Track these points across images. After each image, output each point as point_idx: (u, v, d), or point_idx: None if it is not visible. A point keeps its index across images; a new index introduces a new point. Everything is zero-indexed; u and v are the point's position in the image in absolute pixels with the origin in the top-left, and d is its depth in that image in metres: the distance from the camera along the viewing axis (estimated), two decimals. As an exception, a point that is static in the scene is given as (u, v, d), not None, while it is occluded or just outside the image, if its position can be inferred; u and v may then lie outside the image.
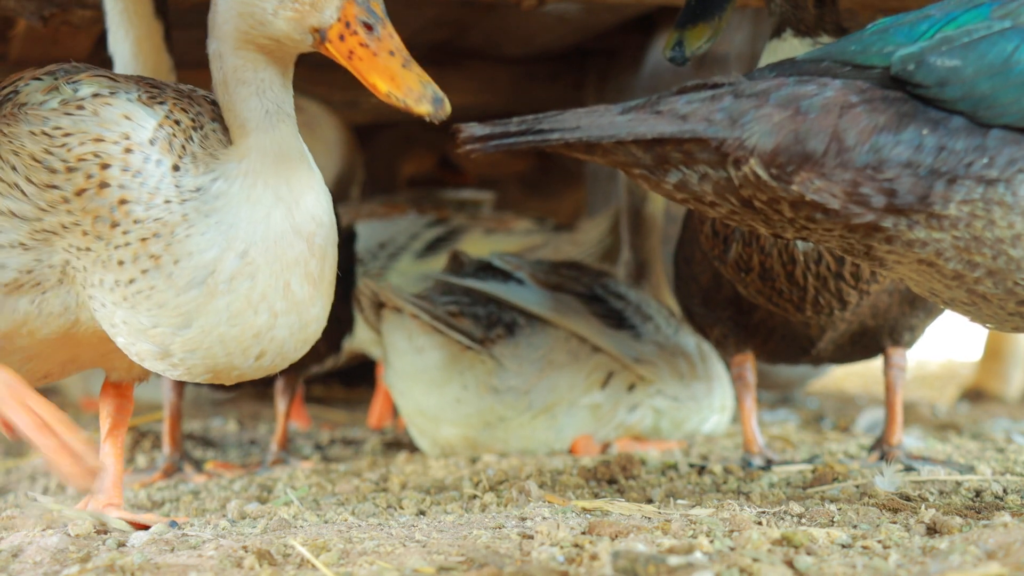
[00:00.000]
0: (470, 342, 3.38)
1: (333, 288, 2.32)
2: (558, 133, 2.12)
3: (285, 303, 2.23)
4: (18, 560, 2.13)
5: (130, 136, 2.23)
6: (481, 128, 2.14)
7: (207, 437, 4.11)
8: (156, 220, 2.20)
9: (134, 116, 2.26)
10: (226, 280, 2.20)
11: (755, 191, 2.11)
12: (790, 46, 2.81)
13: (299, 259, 2.23)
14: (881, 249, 2.13)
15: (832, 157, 2.06)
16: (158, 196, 2.21)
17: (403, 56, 2.13)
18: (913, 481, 2.67)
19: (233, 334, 2.22)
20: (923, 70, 2.06)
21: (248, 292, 2.20)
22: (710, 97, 2.12)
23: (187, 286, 2.20)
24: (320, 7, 2.15)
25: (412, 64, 2.12)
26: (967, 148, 2.03)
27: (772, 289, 2.89)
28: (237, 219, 2.21)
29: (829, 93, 2.09)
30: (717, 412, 3.77)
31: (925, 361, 7.98)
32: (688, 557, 1.88)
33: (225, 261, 2.19)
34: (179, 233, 2.20)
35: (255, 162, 2.23)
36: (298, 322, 2.26)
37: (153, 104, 2.28)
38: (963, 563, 1.84)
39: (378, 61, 2.13)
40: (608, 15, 4.81)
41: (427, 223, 4.73)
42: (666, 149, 2.11)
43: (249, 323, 2.22)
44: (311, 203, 2.25)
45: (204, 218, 2.21)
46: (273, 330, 2.24)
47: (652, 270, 4.12)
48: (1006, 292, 2.11)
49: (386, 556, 2.00)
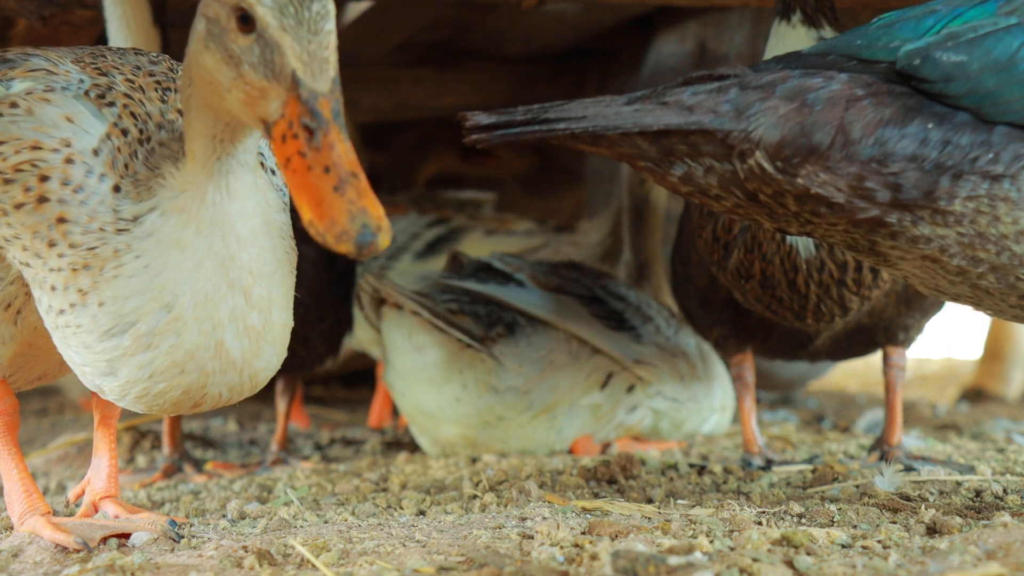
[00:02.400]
0: (470, 340, 3.38)
1: (288, 318, 2.09)
2: (564, 123, 2.11)
3: (218, 362, 2.00)
4: (18, 560, 2.13)
5: (71, 143, 1.99)
6: (487, 117, 2.14)
7: (207, 437, 4.11)
8: (89, 250, 1.96)
9: (77, 119, 2.02)
10: (148, 335, 1.96)
11: (760, 184, 2.11)
12: (797, 33, 2.80)
13: (234, 315, 1.99)
14: (885, 245, 2.13)
15: (838, 150, 2.06)
16: (96, 221, 1.96)
17: (341, 174, 1.75)
18: (913, 481, 2.67)
19: (159, 389, 2.00)
20: (928, 65, 2.06)
21: (172, 351, 1.97)
22: (716, 89, 2.12)
23: (108, 334, 1.97)
24: (269, 97, 1.81)
25: (349, 186, 1.75)
26: (972, 143, 2.03)
27: (772, 297, 2.87)
28: (165, 266, 1.95)
29: (835, 86, 2.09)
30: (717, 412, 3.77)
31: (925, 361, 7.98)
32: (688, 557, 1.88)
33: (148, 313, 1.95)
34: (107, 271, 1.96)
35: (192, 202, 1.96)
36: (238, 379, 2.03)
37: (102, 106, 2.04)
38: (963, 563, 1.84)
39: (309, 178, 1.75)
40: (608, 15, 4.82)
41: (428, 223, 4.73)
42: (671, 141, 2.11)
43: (176, 382, 2.00)
44: (249, 259, 1.98)
45: (134, 258, 1.96)
46: (206, 388, 2.02)
47: (653, 271, 4.12)
48: (1008, 287, 2.11)
49: (386, 556, 2.00)
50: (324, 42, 1.81)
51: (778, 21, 2.84)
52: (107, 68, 2.13)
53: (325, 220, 1.73)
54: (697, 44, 4.73)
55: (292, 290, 2.10)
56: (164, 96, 2.12)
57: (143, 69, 2.16)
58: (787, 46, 2.77)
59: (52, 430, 4.33)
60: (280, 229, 2.08)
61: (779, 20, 2.83)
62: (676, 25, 4.87)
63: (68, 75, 2.08)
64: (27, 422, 4.55)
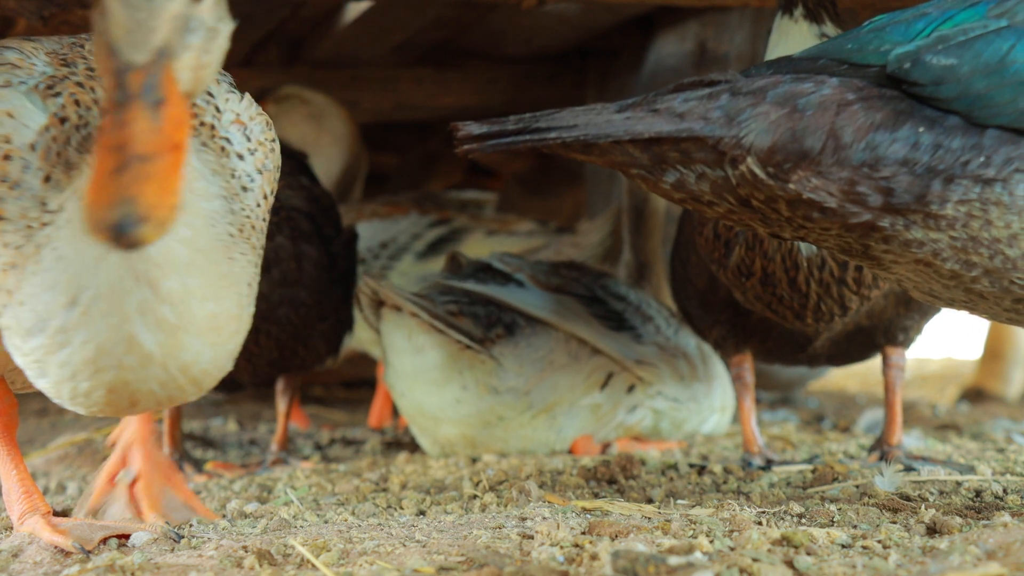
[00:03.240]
0: (470, 341, 3.38)
1: (223, 307, 1.96)
2: (555, 132, 2.11)
3: (135, 357, 1.89)
4: (18, 560, 2.13)
5: (11, 139, 1.93)
6: (478, 127, 2.13)
7: (207, 437, 4.10)
8: (16, 248, 1.88)
9: (19, 113, 1.95)
10: (60, 331, 1.87)
11: (752, 190, 2.11)
12: (799, 28, 2.80)
13: (143, 308, 1.86)
14: (878, 249, 2.13)
15: (829, 155, 2.06)
16: (27, 217, 1.88)
17: (127, 155, 1.59)
18: (913, 481, 2.67)
19: (85, 388, 1.92)
20: (919, 69, 2.06)
21: (84, 347, 1.88)
22: (707, 95, 2.12)
23: (30, 333, 1.89)
24: (102, 70, 1.71)
25: (131, 169, 1.59)
26: (964, 147, 2.03)
27: (772, 295, 2.87)
28: (74, 258, 1.84)
29: (826, 91, 2.08)
30: (717, 412, 3.77)
31: (925, 361, 7.98)
32: (688, 557, 1.88)
33: (58, 309, 1.86)
34: (29, 268, 1.87)
35: None
36: (165, 374, 1.93)
37: (48, 96, 1.96)
38: (963, 563, 1.84)
39: (101, 157, 1.61)
40: (608, 15, 4.82)
41: (429, 223, 4.73)
42: (663, 148, 2.11)
43: (99, 379, 1.91)
44: (157, 251, 1.84)
45: (51, 251, 1.86)
46: (131, 384, 1.92)
47: (653, 272, 4.12)
48: (1002, 291, 2.11)
49: (386, 556, 2.00)
50: (157, 11, 1.68)
51: (780, 15, 2.84)
52: (74, 59, 2.06)
53: (91, 204, 1.59)
54: (697, 44, 4.73)
55: (237, 280, 1.99)
56: None
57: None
58: (789, 41, 2.78)
59: (52, 430, 4.33)
60: (211, 216, 1.96)
61: (781, 15, 2.83)
62: (676, 25, 4.87)
63: (32, 68, 2.03)
64: (27, 422, 4.55)
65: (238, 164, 2.11)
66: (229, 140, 2.13)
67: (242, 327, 2.02)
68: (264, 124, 2.23)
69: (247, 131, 2.18)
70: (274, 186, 2.21)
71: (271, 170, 2.19)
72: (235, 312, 2.00)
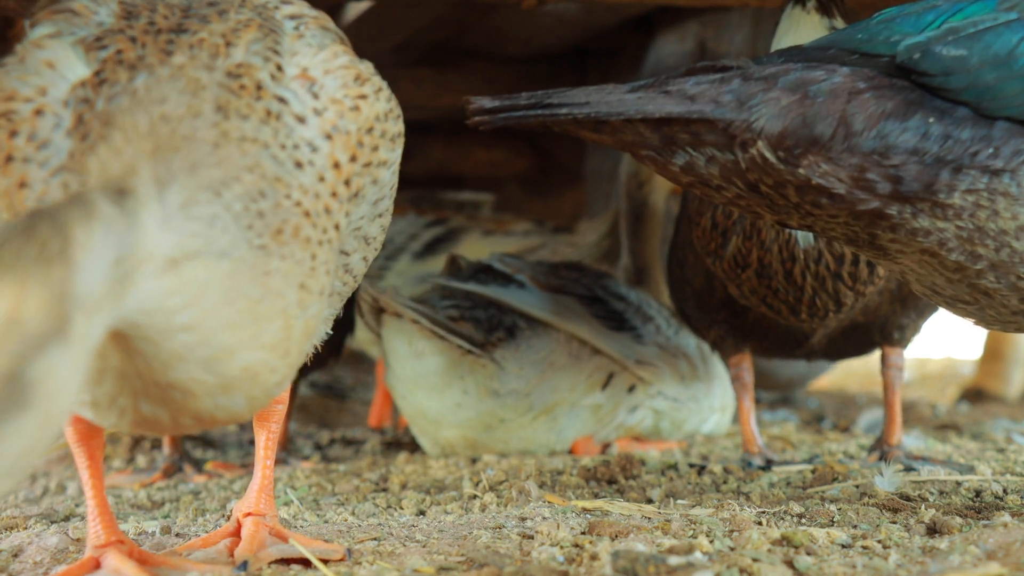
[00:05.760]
0: (471, 347, 3.38)
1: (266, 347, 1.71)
2: (567, 108, 2.12)
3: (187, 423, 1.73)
4: (18, 560, 2.13)
5: (47, 91, 1.73)
6: (491, 101, 2.15)
7: (207, 437, 4.10)
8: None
9: (59, 63, 1.75)
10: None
11: (761, 174, 2.11)
12: (811, 19, 2.80)
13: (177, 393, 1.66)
14: (884, 238, 2.14)
15: (839, 141, 2.07)
16: (46, 180, 1.68)
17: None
18: (913, 481, 2.67)
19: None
20: (928, 59, 2.07)
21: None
22: (719, 79, 2.13)
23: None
24: None
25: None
26: (973, 138, 2.04)
27: (768, 288, 2.88)
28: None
29: (837, 79, 2.10)
30: (717, 412, 3.77)
31: (925, 361, 7.98)
32: (688, 557, 1.88)
33: None
34: None
35: None
36: (216, 420, 1.75)
37: (93, 48, 1.75)
38: (963, 563, 1.84)
39: None
40: (608, 15, 4.82)
41: (426, 223, 4.73)
42: (673, 129, 2.12)
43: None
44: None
45: None
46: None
47: (651, 276, 4.12)
48: (1009, 287, 2.11)
49: (386, 556, 2.00)
50: None
51: (792, 5, 2.84)
52: (139, 11, 1.84)
53: None
54: (697, 44, 4.73)
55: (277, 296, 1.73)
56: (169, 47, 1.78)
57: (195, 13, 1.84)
58: (799, 31, 2.78)
59: (52, 430, 4.32)
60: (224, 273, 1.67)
61: (793, 5, 2.84)
62: (676, 25, 4.87)
63: (91, 16, 1.82)
64: (27, 422, 4.54)
65: (295, 130, 1.81)
66: (284, 100, 1.82)
67: (294, 337, 1.74)
68: (350, 78, 1.90)
69: (314, 87, 1.87)
70: (356, 152, 1.87)
71: (350, 131, 1.87)
72: (281, 336, 1.72)
